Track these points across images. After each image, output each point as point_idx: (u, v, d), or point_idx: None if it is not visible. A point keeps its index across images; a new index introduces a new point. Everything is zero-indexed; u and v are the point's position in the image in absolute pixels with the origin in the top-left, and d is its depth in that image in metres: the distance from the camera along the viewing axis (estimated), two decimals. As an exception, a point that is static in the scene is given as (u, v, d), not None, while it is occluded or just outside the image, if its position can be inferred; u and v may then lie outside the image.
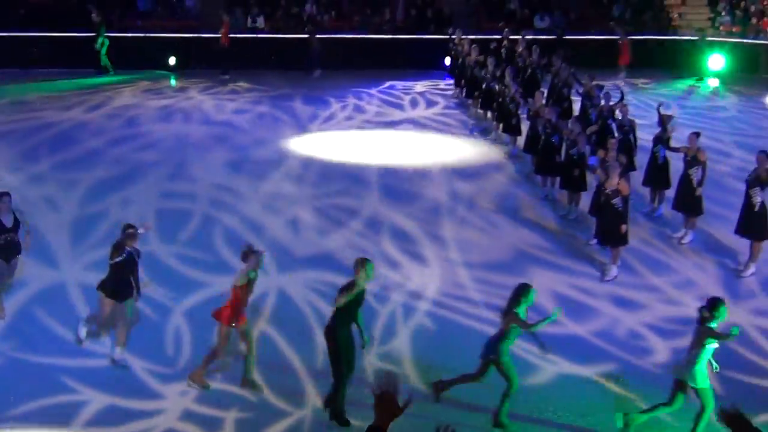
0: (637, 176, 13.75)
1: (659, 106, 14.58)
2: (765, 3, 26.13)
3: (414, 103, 21.48)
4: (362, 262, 8.17)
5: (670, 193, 13.27)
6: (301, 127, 18.83)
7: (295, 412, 8.54)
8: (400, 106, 21.11)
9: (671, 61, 24.91)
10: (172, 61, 23.30)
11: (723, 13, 26.36)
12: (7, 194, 9.49)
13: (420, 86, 23.21)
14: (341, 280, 8.81)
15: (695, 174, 12.24)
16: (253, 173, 15.72)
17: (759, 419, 7.66)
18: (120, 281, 8.82)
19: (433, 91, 22.88)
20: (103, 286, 8.88)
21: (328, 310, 9.15)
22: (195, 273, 11.54)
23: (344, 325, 8.00)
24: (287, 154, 16.80)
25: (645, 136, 15.22)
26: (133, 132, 18.31)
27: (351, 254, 11.31)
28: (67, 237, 12.20)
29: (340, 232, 13.17)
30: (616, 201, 11.23)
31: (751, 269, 11.18)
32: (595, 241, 12.05)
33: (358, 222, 13.48)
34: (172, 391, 8.78)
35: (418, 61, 24.61)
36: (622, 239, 11.30)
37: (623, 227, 11.24)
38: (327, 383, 8.31)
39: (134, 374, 9.06)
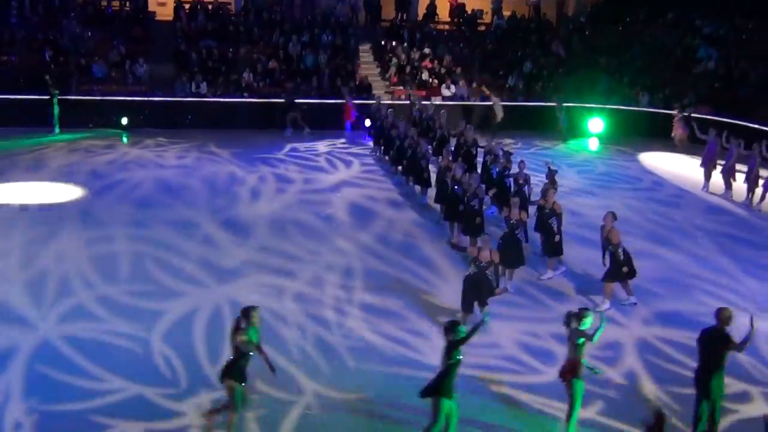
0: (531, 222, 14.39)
1: (548, 164, 16.05)
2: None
3: (331, 164, 21.65)
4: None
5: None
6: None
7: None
8: (321, 169, 21.14)
9: (558, 125, 26.00)
10: (124, 120, 24.05)
11: (603, 85, 27.71)
12: None
13: (322, 146, 23.62)
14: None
15: (554, 223, 13.53)
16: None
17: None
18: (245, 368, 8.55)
19: (338, 149, 23.38)
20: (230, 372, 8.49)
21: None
22: (149, 303, 12.11)
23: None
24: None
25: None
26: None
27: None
28: (26, 296, 12.01)
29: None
30: (519, 232, 12.93)
31: (606, 304, 12.48)
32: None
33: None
34: (189, 406, 9.42)
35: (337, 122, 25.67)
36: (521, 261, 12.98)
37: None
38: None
39: (150, 401, 9.49)
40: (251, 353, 8.44)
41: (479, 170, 17.76)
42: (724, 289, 13.81)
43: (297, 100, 24.98)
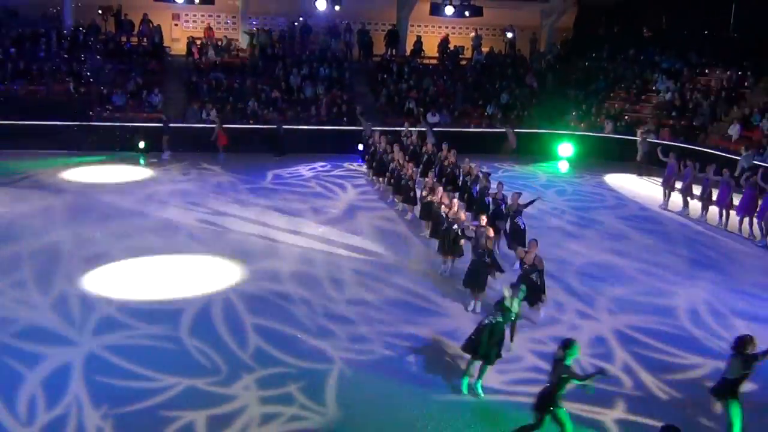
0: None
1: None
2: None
3: (330, 191, 20.96)
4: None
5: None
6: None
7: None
8: (322, 195, 20.36)
9: (531, 149, 26.68)
10: (141, 144, 24.28)
11: (573, 113, 28.54)
12: None
13: (304, 170, 23.32)
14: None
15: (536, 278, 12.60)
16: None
17: None
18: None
19: (323, 173, 23.06)
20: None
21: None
22: (165, 305, 12.66)
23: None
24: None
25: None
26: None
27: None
28: (56, 317, 11.58)
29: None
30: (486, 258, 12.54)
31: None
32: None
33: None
34: (237, 389, 9.76)
35: (335, 147, 25.75)
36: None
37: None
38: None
39: (202, 390, 9.71)
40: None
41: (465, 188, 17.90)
42: (663, 280, 14.63)
43: (171, 124, 24.36)
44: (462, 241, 13.84)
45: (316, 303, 12.83)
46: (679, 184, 20.15)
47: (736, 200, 18.21)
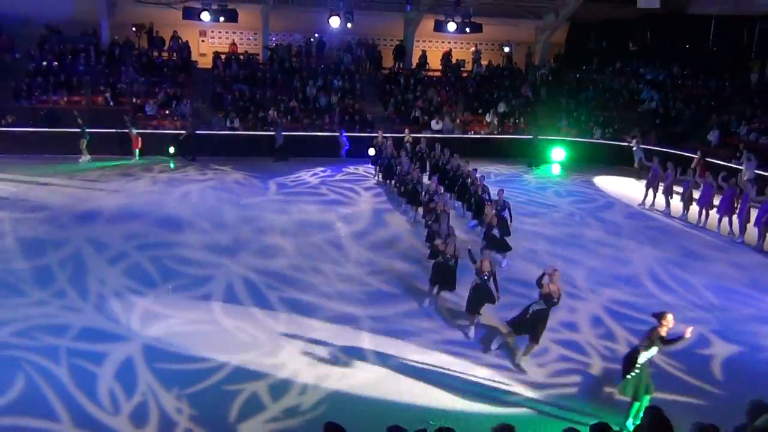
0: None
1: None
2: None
3: (351, 190, 20.91)
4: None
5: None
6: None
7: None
8: (336, 201, 19.56)
9: (526, 154, 26.28)
10: (171, 149, 24.34)
11: (564, 121, 28.42)
12: None
13: (307, 176, 22.67)
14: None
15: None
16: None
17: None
18: None
19: (327, 178, 22.40)
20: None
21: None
22: (194, 293, 12.47)
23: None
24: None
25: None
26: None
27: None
28: (102, 317, 11.23)
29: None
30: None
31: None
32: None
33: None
34: (283, 359, 10.11)
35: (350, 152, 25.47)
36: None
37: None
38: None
39: (252, 363, 9.95)
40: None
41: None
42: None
43: (87, 129, 23.22)
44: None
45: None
46: (661, 186, 20.14)
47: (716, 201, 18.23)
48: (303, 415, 8.94)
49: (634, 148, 24.43)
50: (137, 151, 24.10)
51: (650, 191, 20.53)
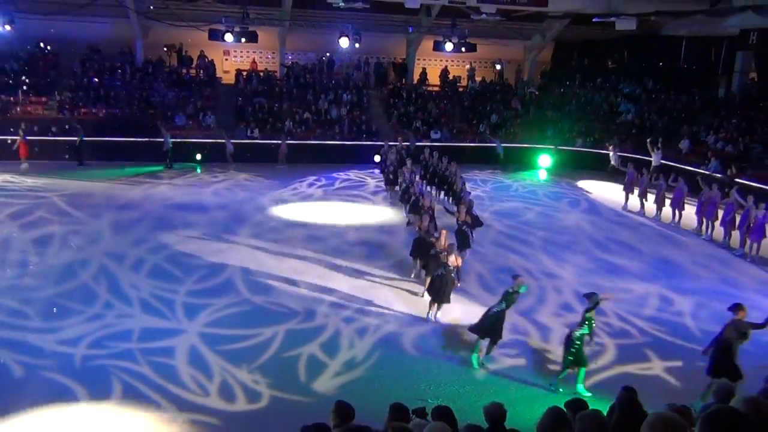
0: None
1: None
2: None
3: (359, 187, 21.49)
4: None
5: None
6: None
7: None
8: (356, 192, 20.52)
9: (516, 160, 26.31)
10: (198, 156, 24.34)
11: (551, 130, 27.95)
12: None
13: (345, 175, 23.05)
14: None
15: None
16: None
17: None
18: None
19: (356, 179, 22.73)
20: None
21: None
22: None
23: None
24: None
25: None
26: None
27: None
28: (157, 317, 10.83)
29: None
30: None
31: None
32: None
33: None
34: (321, 318, 10.60)
35: (357, 159, 25.22)
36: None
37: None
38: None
39: (296, 330, 10.25)
40: None
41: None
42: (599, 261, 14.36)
43: (29, 137, 22.12)
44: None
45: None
46: (637, 189, 19.96)
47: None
48: (362, 365, 9.35)
49: (611, 154, 24.25)
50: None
51: (627, 194, 20.33)
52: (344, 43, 25.95)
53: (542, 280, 13.49)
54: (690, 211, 17.92)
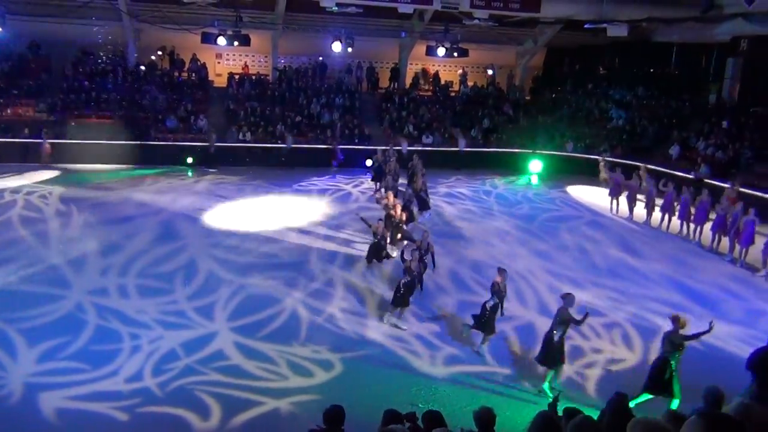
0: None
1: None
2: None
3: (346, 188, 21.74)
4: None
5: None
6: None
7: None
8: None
9: (508, 165, 26.51)
10: (189, 160, 24.16)
11: (542, 136, 27.80)
12: None
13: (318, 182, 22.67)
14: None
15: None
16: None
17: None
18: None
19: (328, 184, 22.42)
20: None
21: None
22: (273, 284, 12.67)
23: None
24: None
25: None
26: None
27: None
28: (194, 315, 11.01)
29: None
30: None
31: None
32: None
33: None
34: (370, 328, 10.80)
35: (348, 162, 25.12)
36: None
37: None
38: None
39: (338, 325, 10.75)
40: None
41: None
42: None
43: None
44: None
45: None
46: (625, 194, 20.01)
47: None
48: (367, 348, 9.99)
49: (601, 163, 24.28)
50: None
51: (614, 200, 20.37)
52: (337, 47, 25.96)
53: (519, 282, 13.52)
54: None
